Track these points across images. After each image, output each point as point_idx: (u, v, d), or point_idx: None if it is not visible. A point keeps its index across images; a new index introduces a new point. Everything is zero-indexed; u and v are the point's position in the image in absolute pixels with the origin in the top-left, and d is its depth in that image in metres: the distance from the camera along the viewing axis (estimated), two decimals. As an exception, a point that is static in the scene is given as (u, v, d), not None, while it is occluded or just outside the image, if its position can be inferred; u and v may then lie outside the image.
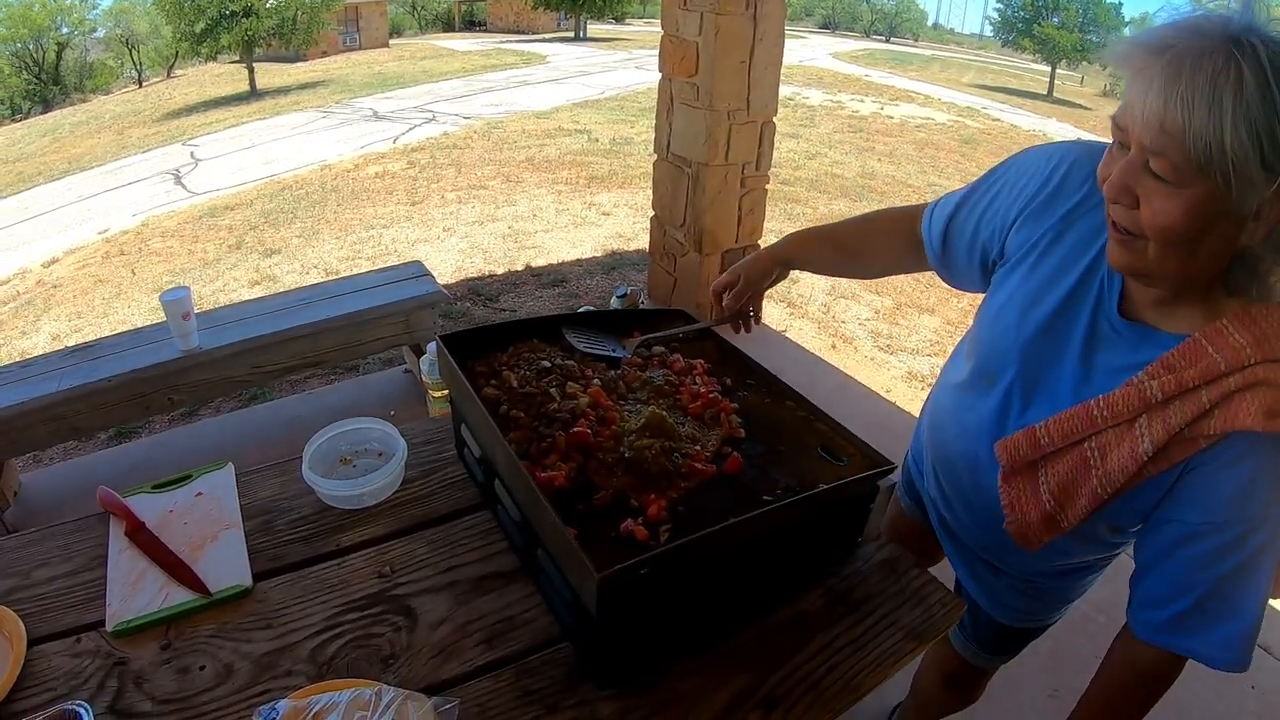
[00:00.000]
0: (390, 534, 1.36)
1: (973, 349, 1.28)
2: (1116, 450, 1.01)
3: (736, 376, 1.47)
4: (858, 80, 19.33)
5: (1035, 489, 1.12)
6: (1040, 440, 1.09)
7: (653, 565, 0.94)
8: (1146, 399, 0.97)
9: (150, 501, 1.41)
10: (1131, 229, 0.92)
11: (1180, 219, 0.86)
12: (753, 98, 3.91)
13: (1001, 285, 1.22)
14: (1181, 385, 0.95)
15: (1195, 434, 0.95)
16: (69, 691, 1.06)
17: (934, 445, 1.43)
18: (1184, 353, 0.96)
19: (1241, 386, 0.91)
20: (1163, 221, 0.88)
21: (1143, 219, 0.90)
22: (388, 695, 0.97)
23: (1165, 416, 0.96)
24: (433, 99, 15.82)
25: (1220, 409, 0.93)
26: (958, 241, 1.32)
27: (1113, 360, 1.06)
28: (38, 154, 14.77)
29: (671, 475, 1.17)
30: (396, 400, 3.72)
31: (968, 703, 1.90)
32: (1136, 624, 1.12)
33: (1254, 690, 2.40)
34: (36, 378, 2.86)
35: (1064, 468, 1.08)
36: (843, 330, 5.12)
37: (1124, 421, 1.00)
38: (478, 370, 1.39)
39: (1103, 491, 1.04)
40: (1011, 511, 1.16)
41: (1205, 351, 0.94)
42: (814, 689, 1.11)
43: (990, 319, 1.23)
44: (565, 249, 6.37)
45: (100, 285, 6.81)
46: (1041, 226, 1.15)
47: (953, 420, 1.34)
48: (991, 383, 1.22)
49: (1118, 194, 0.91)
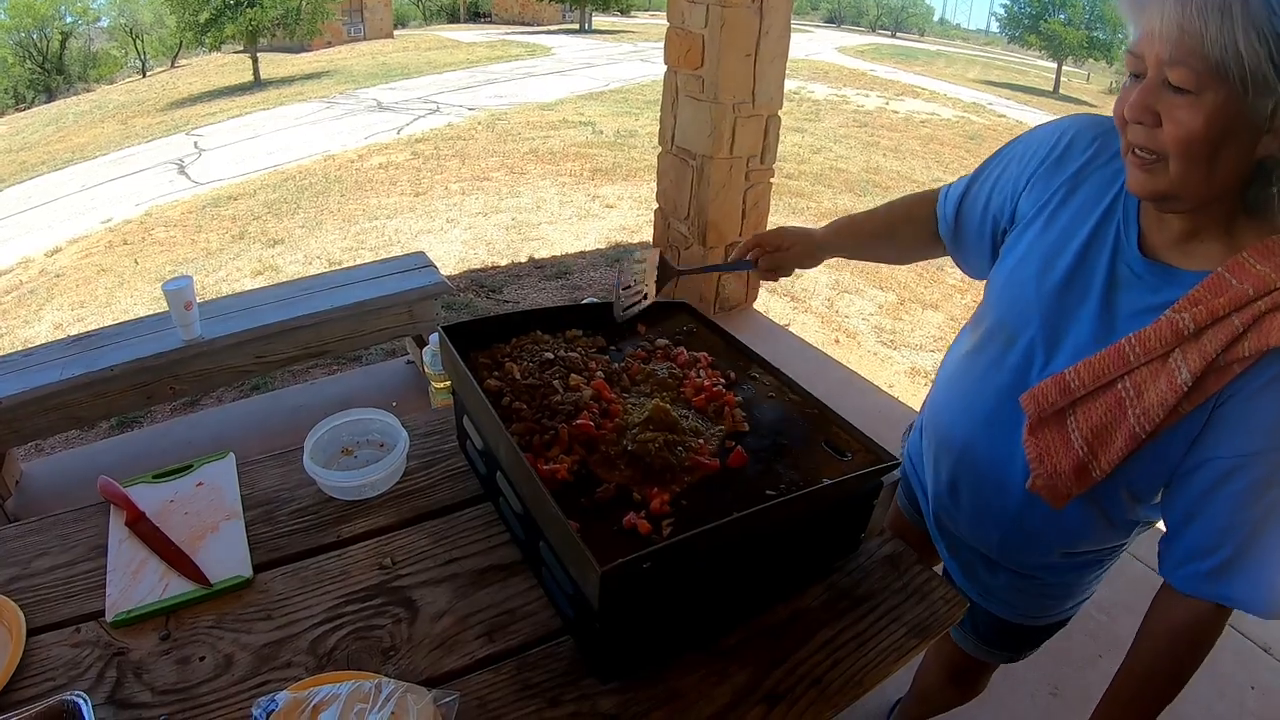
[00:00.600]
0: (391, 525, 1.35)
1: (984, 315, 1.29)
2: (1153, 385, 1.01)
3: (740, 370, 1.46)
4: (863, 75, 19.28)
5: (1065, 438, 1.11)
6: (1070, 385, 1.09)
7: (655, 559, 0.94)
8: (1179, 331, 0.99)
9: (151, 491, 1.41)
10: (1154, 148, 0.95)
11: (1201, 127, 0.89)
12: (758, 91, 3.89)
13: (1014, 247, 1.24)
14: (1213, 314, 0.96)
15: (1229, 360, 0.96)
16: (68, 682, 1.06)
17: (938, 427, 1.42)
18: (1210, 286, 0.98)
19: (1271, 308, 0.93)
20: (1184, 133, 0.90)
21: (1165, 135, 0.93)
22: (387, 688, 0.96)
23: (1200, 346, 0.97)
24: (437, 90, 15.79)
25: (1252, 331, 0.94)
26: (970, 216, 1.36)
27: (1135, 302, 1.07)
28: (41, 143, 14.76)
29: (675, 469, 1.16)
30: (398, 391, 3.72)
31: (969, 697, 1.89)
32: (1180, 579, 1.10)
33: (1254, 690, 2.40)
34: (39, 367, 2.86)
35: (1097, 411, 1.07)
36: (846, 325, 5.10)
37: (1157, 357, 1.01)
38: (480, 361, 1.38)
39: (1140, 430, 1.03)
40: (1040, 464, 1.14)
41: (1229, 283, 0.97)
42: (817, 685, 1.11)
43: (1005, 278, 1.24)
44: (569, 241, 6.36)
45: (103, 275, 6.81)
46: (1052, 185, 1.19)
47: (963, 392, 1.33)
48: (1010, 341, 1.22)
49: (1139, 114, 0.94)
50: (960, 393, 1.34)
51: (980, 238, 1.35)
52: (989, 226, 1.32)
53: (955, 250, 1.43)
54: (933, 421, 1.45)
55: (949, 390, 1.39)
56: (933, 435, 1.46)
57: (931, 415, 1.46)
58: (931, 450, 1.46)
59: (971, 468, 1.34)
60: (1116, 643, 2.47)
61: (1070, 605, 1.49)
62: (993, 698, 2.30)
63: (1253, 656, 2.54)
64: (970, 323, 1.38)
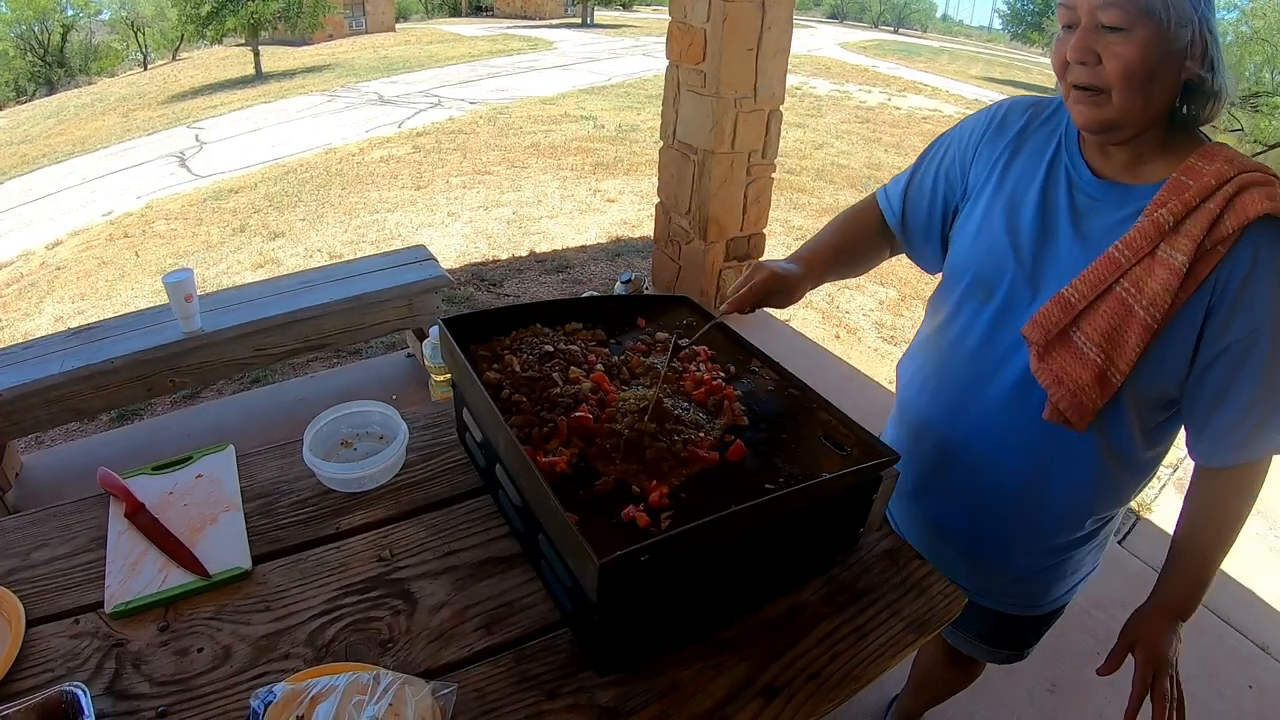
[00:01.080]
0: (390, 518, 1.35)
1: (952, 283, 1.36)
2: (1151, 278, 1.08)
3: (740, 364, 1.46)
4: (865, 71, 19.25)
5: (1076, 353, 1.16)
6: (1070, 300, 1.15)
7: (653, 552, 0.93)
8: (1160, 226, 1.08)
9: (150, 483, 1.41)
10: (1097, 84, 1.07)
11: (1137, 59, 1.03)
12: (760, 85, 3.89)
13: (973, 212, 1.33)
14: (1186, 206, 1.07)
15: (1214, 241, 1.06)
16: (67, 673, 1.06)
17: (913, 410, 1.47)
18: (1171, 189, 1.10)
19: (1238, 189, 1.05)
20: (1123, 65, 1.03)
21: (1106, 70, 1.05)
22: (385, 679, 0.96)
23: (1184, 233, 1.07)
24: (439, 84, 15.77)
25: (1229, 212, 1.05)
26: (917, 204, 1.44)
27: (1104, 221, 1.17)
28: (42, 136, 14.74)
29: (672, 459, 1.16)
30: (398, 384, 3.72)
31: (968, 680, 1.90)
32: (1221, 458, 1.19)
33: (1252, 690, 2.40)
34: (39, 359, 2.86)
35: (1103, 318, 1.13)
36: (847, 321, 5.10)
37: (1146, 254, 1.09)
38: (480, 354, 1.38)
39: (1152, 320, 1.09)
40: (1060, 386, 1.18)
41: (1188, 184, 1.08)
42: (815, 678, 1.11)
43: (973, 238, 1.31)
44: (570, 235, 6.36)
45: (104, 267, 6.81)
46: (997, 150, 1.31)
47: (939, 364, 1.40)
48: (989, 293, 1.28)
49: (1082, 54, 1.06)
50: (941, 362, 1.39)
51: (930, 221, 1.43)
52: (939, 207, 1.41)
53: (906, 240, 1.49)
54: (911, 404, 1.48)
55: (924, 370, 1.44)
56: (909, 417, 1.49)
57: (905, 405, 1.50)
58: (911, 441, 1.48)
59: (962, 441, 1.38)
60: (1114, 639, 2.44)
61: (1065, 590, 1.51)
62: (992, 695, 2.31)
63: (1251, 656, 2.54)
64: (929, 310, 1.47)
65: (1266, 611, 2.79)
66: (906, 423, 1.51)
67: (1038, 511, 1.36)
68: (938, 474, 1.45)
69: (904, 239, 1.49)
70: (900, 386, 1.56)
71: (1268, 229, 1.05)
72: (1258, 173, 1.07)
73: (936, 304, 1.44)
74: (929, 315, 1.48)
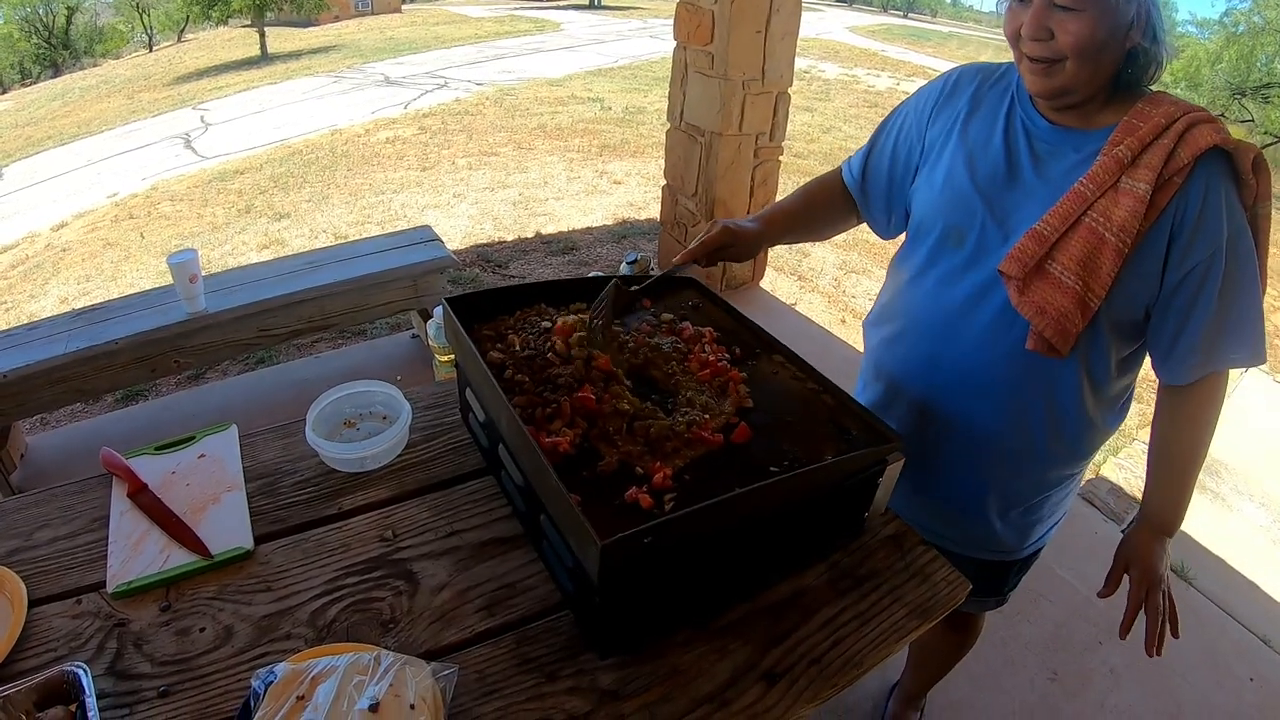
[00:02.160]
0: (393, 498, 1.35)
1: (921, 237, 1.43)
2: (1117, 207, 1.18)
3: (746, 346, 1.45)
4: (874, 55, 19.09)
5: (1055, 282, 1.23)
6: (1043, 233, 1.23)
7: (657, 534, 0.93)
8: (1120, 160, 1.18)
9: (153, 463, 1.41)
10: (1052, 56, 1.17)
11: (1090, 34, 1.13)
12: (768, 68, 3.85)
13: (935, 167, 1.40)
14: (1142, 141, 1.17)
15: (1170, 173, 1.16)
16: (69, 653, 1.06)
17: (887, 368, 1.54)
18: (1125, 128, 1.20)
19: (1187, 125, 1.16)
20: (1076, 40, 1.14)
21: (1060, 44, 1.15)
22: (386, 660, 0.96)
23: (1144, 164, 1.17)
24: (445, 65, 15.70)
25: (1181, 145, 1.15)
26: (877, 170, 1.54)
27: (1064, 164, 1.26)
28: (47, 118, 14.72)
29: (676, 439, 1.16)
30: (403, 365, 3.72)
31: (966, 644, 1.91)
32: (1186, 373, 1.27)
33: (1252, 682, 2.40)
34: (43, 340, 2.86)
35: (1075, 246, 1.21)
36: (853, 305, 5.07)
37: (1109, 187, 1.18)
38: (484, 334, 1.37)
39: (1123, 245, 1.18)
40: (1042, 315, 1.24)
41: (1139, 126, 1.18)
42: (816, 664, 1.10)
43: (940, 189, 1.38)
44: (576, 217, 6.33)
45: (109, 249, 6.80)
46: (955, 109, 1.40)
47: (912, 319, 1.46)
48: (960, 240, 1.35)
49: (1037, 31, 1.17)
50: (908, 323, 1.46)
51: (891, 185, 1.52)
52: (899, 170, 1.50)
53: (865, 205, 1.59)
54: (884, 371, 1.54)
55: (894, 328, 1.50)
56: (886, 385, 1.54)
57: (881, 367, 1.55)
58: (885, 400, 1.54)
59: (940, 392, 1.43)
60: (1115, 629, 2.45)
61: (1043, 533, 1.58)
62: (993, 682, 2.32)
63: (1252, 648, 2.54)
64: (892, 271, 1.57)
65: (1269, 604, 2.78)
66: (880, 382, 1.56)
67: (1023, 449, 1.41)
68: (915, 430, 1.48)
69: (863, 204, 1.59)
70: (869, 349, 1.62)
71: (1217, 160, 1.17)
72: (1202, 112, 1.18)
73: (901, 263, 1.52)
74: (892, 276, 1.57)
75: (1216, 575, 2.83)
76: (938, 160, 1.40)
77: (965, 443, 1.43)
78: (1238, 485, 3.50)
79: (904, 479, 1.49)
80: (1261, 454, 3.71)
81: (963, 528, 1.54)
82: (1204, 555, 2.94)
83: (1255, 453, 3.72)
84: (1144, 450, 3.64)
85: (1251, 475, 3.57)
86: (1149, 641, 1.32)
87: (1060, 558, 2.75)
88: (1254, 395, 4.43)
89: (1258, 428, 3.93)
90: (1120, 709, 2.27)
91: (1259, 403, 4.22)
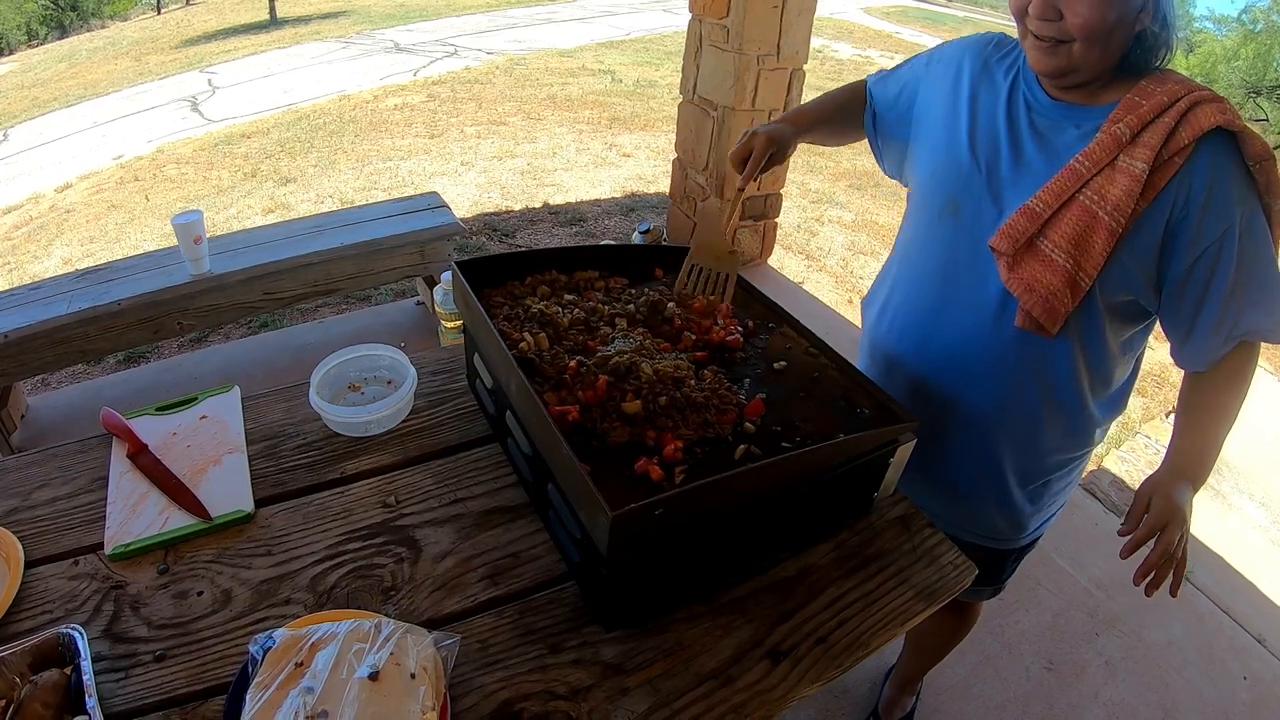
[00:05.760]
0: (396, 464, 1.33)
1: (923, 210, 1.41)
2: (1113, 185, 1.14)
3: (760, 319, 1.43)
4: (888, 37, 18.83)
5: (1046, 260, 1.20)
6: (1036, 210, 1.20)
7: (667, 506, 0.91)
8: (1118, 138, 1.15)
9: (154, 424, 1.39)
10: (1059, 36, 1.14)
11: (1099, 17, 1.09)
12: (784, 43, 3.79)
13: (934, 135, 1.39)
14: (1142, 120, 1.14)
15: (1170, 153, 1.12)
16: (65, 614, 1.05)
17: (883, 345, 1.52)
18: (1126, 106, 1.17)
19: (1190, 105, 1.12)
20: (1086, 21, 1.10)
21: (1069, 25, 1.12)
22: (387, 628, 0.94)
23: (1142, 143, 1.13)
24: (455, 33, 15.53)
25: (1183, 125, 1.12)
26: (888, 110, 1.53)
27: (1064, 139, 1.23)
28: (54, 80, 14.59)
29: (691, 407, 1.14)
30: (407, 331, 3.70)
31: (964, 627, 1.90)
32: (1207, 358, 1.24)
33: (1246, 680, 2.40)
34: (46, 300, 2.84)
35: (1068, 225, 1.18)
36: (860, 286, 5.02)
37: (1106, 165, 1.15)
38: (494, 299, 1.35)
39: (1116, 224, 1.15)
40: (1031, 293, 1.22)
41: (1141, 104, 1.15)
42: (822, 643, 1.09)
43: (943, 162, 1.36)
44: (584, 188, 6.28)
45: (113, 210, 6.76)
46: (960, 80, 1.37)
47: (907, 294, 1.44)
48: (956, 211, 1.32)
49: (1045, 10, 1.13)
50: (903, 298, 1.45)
51: (895, 129, 1.51)
52: (904, 104, 1.49)
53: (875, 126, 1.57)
54: (880, 347, 1.52)
55: (890, 304, 1.49)
56: (882, 362, 1.52)
57: (877, 344, 1.54)
58: (882, 378, 1.51)
59: (935, 368, 1.41)
60: (1114, 620, 2.48)
61: (1041, 522, 1.56)
62: (990, 670, 2.32)
63: (1247, 647, 2.53)
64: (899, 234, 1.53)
65: (1265, 604, 2.77)
66: (876, 360, 1.55)
67: (1018, 432, 1.39)
68: (913, 409, 1.43)
69: (873, 126, 1.57)
70: (867, 326, 1.61)
71: (1221, 140, 1.12)
72: (1206, 91, 1.15)
73: (900, 235, 1.52)
74: (892, 252, 1.55)
75: (1215, 573, 2.82)
76: (938, 129, 1.38)
77: (962, 423, 1.41)
78: (1239, 484, 3.48)
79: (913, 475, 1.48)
80: (1263, 453, 3.68)
81: (961, 511, 1.52)
82: (1203, 553, 2.93)
83: (1257, 452, 3.69)
84: (1146, 444, 3.64)
85: (1253, 474, 3.54)
86: (1153, 580, 1.15)
87: (1060, 547, 2.74)
88: (1256, 394, 4.39)
89: (1261, 427, 3.90)
90: (1114, 701, 2.27)
91: (1261, 402, 4.19)
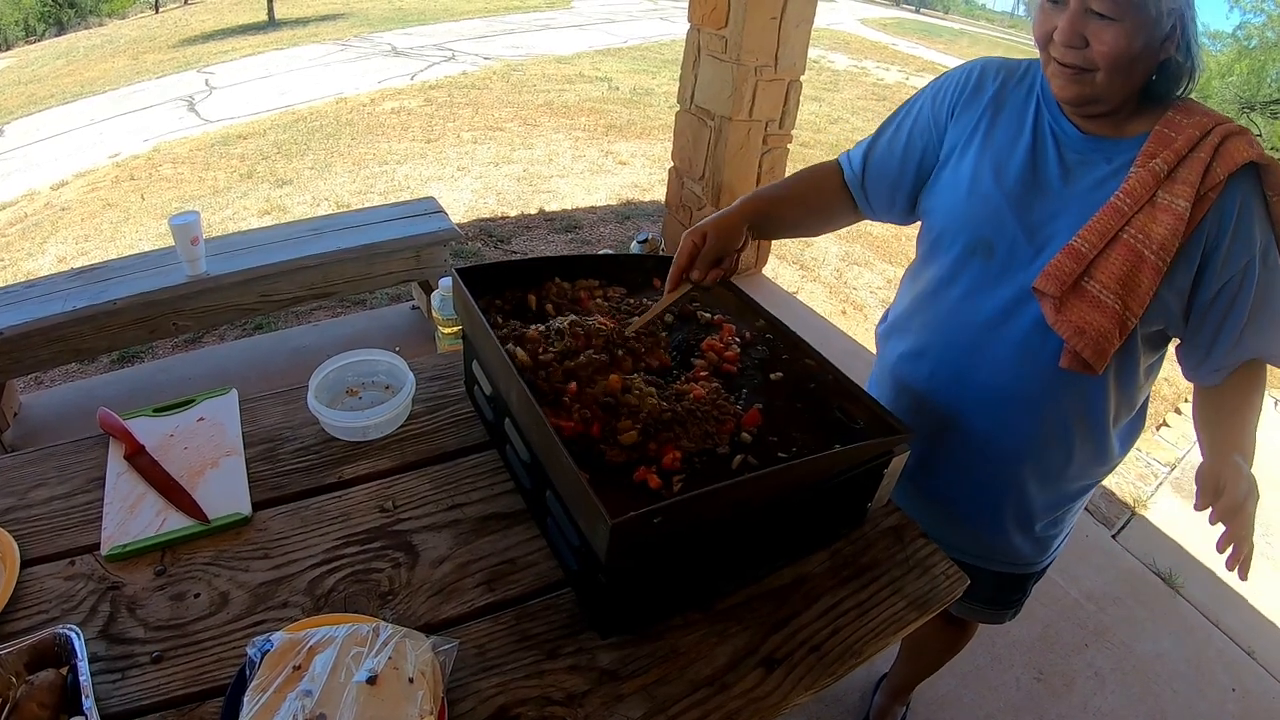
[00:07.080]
0: (394, 469, 1.34)
1: (945, 246, 1.36)
2: (1156, 223, 1.13)
3: (756, 330, 1.44)
4: (884, 48, 18.91)
5: (1094, 300, 1.17)
6: (1081, 250, 1.17)
7: (667, 515, 0.92)
8: (1157, 174, 1.13)
9: (151, 425, 1.39)
10: (1084, 65, 1.12)
11: (1125, 46, 1.08)
12: (781, 54, 3.82)
13: (957, 172, 1.33)
14: (1178, 155, 1.13)
15: (1206, 188, 1.12)
16: (61, 615, 1.05)
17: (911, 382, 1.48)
18: (1157, 140, 1.16)
19: (1221, 138, 1.13)
20: (1112, 50, 1.08)
21: (1094, 54, 1.10)
22: (385, 632, 0.95)
23: (1181, 179, 1.12)
24: (453, 38, 15.55)
25: (1217, 160, 1.12)
26: (885, 162, 1.44)
27: (1096, 174, 1.21)
28: (50, 77, 14.54)
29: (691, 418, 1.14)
30: (403, 335, 3.71)
31: (962, 642, 1.91)
32: (1221, 373, 1.26)
33: (1234, 693, 2.41)
34: (41, 298, 2.84)
35: (1114, 264, 1.15)
36: (854, 297, 5.05)
37: (1146, 201, 1.14)
38: (493, 306, 1.36)
39: (1161, 263, 1.13)
40: (1081, 336, 1.18)
41: (1172, 136, 1.15)
42: (815, 651, 1.10)
43: (965, 198, 1.31)
44: (580, 195, 6.29)
45: (109, 209, 6.74)
46: (976, 111, 1.32)
47: (938, 331, 1.40)
48: (989, 252, 1.29)
49: (1070, 39, 1.11)
50: (934, 335, 1.40)
51: (899, 182, 1.43)
52: (912, 168, 1.41)
53: (865, 200, 1.49)
54: (907, 384, 1.48)
55: (920, 341, 1.44)
56: (910, 399, 1.48)
57: (903, 380, 1.49)
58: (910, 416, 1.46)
59: (970, 406, 1.38)
60: (1103, 632, 2.49)
61: (1058, 544, 1.56)
62: (980, 680, 2.33)
63: (1237, 660, 2.55)
64: (910, 278, 1.49)
65: (1255, 616, 2.79)
66: (902, 398, 1.51)
67: (1052, 464, 1.39)
68: (940, 445, 1.44)
69: (863, 199, 1.49)
70: (885, 361, 1.56)
71: (1250, 174, 1.13)
72: (1232, 123, 1.15)
73: (920, 272, 1.45)
74: (909, 284, 1.50)
75: (1205, 585, 2.83)
76: (959, 163, 1.33)
77: (993, 458, 1.40)
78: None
79: (928, 491, 1.49)
80: (1257, 469, 3.71)
81: (985, 541, 1.51)
82: (1194, 565, 2.94)
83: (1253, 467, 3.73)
84: (1136, 458, 3.66)
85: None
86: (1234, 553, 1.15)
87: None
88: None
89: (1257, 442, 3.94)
90: (1103, 712, 2.28)
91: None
